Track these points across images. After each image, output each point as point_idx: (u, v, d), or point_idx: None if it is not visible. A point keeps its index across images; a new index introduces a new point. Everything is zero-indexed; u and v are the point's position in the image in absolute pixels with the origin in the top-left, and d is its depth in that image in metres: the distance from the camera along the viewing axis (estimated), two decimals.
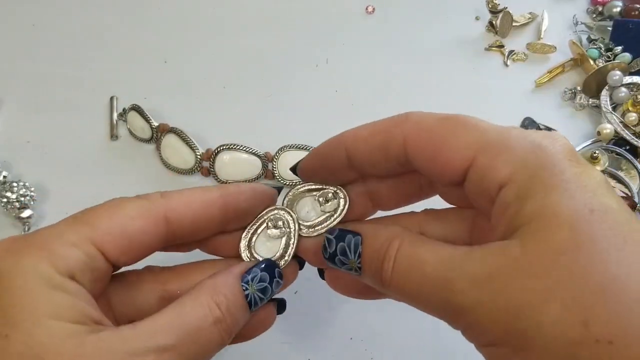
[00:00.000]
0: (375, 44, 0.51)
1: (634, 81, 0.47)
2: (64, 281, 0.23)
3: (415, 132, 0.25)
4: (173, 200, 0.26)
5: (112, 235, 0.24)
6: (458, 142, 0.24)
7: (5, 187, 0.41)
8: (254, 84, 0.49)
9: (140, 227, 0.25)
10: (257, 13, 0.53)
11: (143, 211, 0.25)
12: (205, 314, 0.25)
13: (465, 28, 0.52)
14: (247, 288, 0.27)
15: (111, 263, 0.25)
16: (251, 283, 0.27)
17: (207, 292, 0.25)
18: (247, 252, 0.29)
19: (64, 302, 0.22)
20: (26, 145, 0.46)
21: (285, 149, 0.43)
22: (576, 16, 0.53)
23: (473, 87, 0.49)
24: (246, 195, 0.28)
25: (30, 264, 0.22)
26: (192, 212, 0.26)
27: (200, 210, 0.27)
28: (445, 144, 0.24)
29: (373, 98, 0.48)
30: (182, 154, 0.43)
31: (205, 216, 0.27)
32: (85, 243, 0.24)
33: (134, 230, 0.25)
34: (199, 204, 0.27)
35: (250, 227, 0.29)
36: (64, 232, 0.24)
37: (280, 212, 0.30)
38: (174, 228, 0.26)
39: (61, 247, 0.23)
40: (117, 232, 0.24)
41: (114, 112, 0.47)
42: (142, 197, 0.26)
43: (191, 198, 0.27)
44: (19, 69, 0.50)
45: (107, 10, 0.53)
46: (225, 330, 0.25)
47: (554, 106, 0.48)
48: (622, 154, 0.44)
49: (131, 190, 0.43)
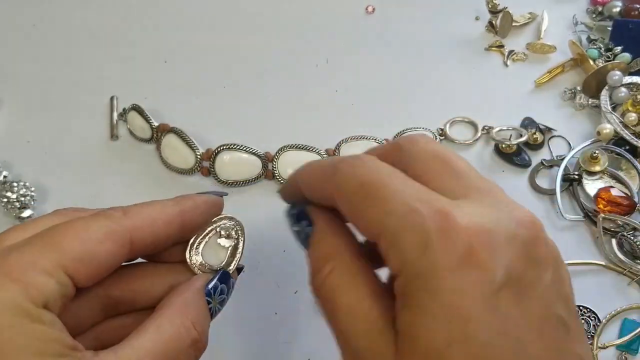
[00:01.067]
0: (375, 44, 0.51)
1: (633, 81, 0.47)
2: (40, 313, 0.22)
3: (338, 195, 0.24)
4: (137, 219, 0.26)
5: (83, 262, 0.24)
6: (367, 218, 0.23)
7: (6, 187, 0.41)
8: (254, 84, 0.49)
9: (108, 251, 0.25)
10: (257, 13, 0.53)
11: (110, 233, 0.25)
12: (183, 336, 0.25)
13: (465, 28, 0.52)
14: (210, 302, 0.27)
15: (77, 287, 0.24)
16: (213, 297, 0.27)
17: (181, 312, 0.25)
18: (195, 260, 0.29)
19: (44, 336, 0.22)
20: (26, 145, 0.46)
21: (285, 149, 0.43)
22: (576, 16, 0.53)
23: (473, 87, 0.49)
24: (201, 209, 0.29)
25: (7, 298, 0.22)
26: (155, 231, 0.26)
27: (162, 228, 0.27)
28: (359, 215, 0.23)
29: (373, 98, 0.48)
30: (182, 154, 0.43)
31: (165, 234, 0.27)
32: (58, 271, 0.23)
33: (102, 255, 0.24)
34: (162, 222, 0.27)
35: (198, 235, 0.29)
36: (37, 259, 0.23)
37: (228, 222, 0.30)
38: (136, 247, 0.26)
39: (36, 277, 0.23)
40: (87, 258, 0.24)
41: (114, 112, 0.47)
42: (105, 216, 0.26)
43: (153, 216, 0.26)
44: (19, 69, 0.50)
45: (107, 10, 0.53)
46: (199, 349, 0.25)
47: (554, 106, 0.48)
48: (621, 154, 0.44)
49: (131, 190, 0.44)
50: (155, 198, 0.43)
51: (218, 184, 0.43)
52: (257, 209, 0.43)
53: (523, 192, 0.44)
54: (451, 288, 0.20)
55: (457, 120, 0.47)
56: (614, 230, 0.41)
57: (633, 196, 0.42)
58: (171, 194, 0.43)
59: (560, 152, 0.45)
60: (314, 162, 0.27)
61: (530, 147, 0.46)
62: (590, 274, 0.40)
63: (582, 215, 0.43)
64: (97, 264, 0.24)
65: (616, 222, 0.41)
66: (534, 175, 0.44)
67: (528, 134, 0.45)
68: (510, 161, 0.45)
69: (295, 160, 0.43)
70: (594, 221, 0.42)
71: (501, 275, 0.21)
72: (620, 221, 0.41)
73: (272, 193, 0.43)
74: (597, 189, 0.42)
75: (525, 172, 0.45)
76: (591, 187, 0.43)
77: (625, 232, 0.41)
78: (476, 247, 0.21)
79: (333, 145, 0.44)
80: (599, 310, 0.39)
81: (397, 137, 0.45)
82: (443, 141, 0.46)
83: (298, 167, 0.28)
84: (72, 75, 0.49)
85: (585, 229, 0.42)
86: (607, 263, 0.40)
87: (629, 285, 0.40)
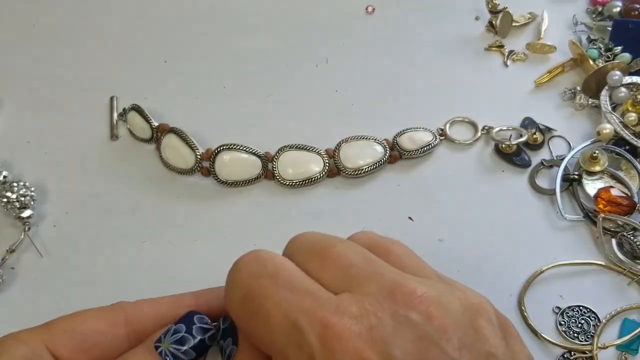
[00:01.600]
0: (375, 44, 0.51)
1: (633, 81, 0.47)
2: None
3: (228, 309, 0.25)
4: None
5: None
6: (256, 336, 0.23)
7: (6, 187, 0.41)
8: (254, 83, 0.49)
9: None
10: (257, 13, 0.53)
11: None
12: None
13: (465, 28, 0.52)
14: (159, 346, 0.25)
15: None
16: (164, 339, 0.25)
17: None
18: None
19: None
20: (26, 145, 0.46)
21: (285, 149, 0.43)
22: (576, 16, 0.53)
23: (473, 87, 0.49)
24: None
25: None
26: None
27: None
28: (249, 333, 0.23)
29: (373, 98, 0.48)
30: (182, 154, 0.43)
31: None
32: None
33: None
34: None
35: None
36: None
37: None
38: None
39: None
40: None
41: (114, 112, 0.47)
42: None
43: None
44: (19, 69, 0.50)
45: (107, 10, 0.53)
46: None
47: (554, 106, 0.48)
48: (621, 154, 0.44)
49: (131, 190, 0.44)
50: (156, 198, 0.43)
51: (218, 184, 0.43)
52: (257, 209, 0.43)
53: (523, 192, 0.44)
54: None
55: (457, 120, 0.47)
56: (614, 230, 0.41)
57: (633, 196, 0.42)
58: (171, 193, 0.44)
59: (560, 152, 0.45)
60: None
61: (530, 147, 0.46)
62: (590, 274, 0.40)
63: (582, 215, 0.43)
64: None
65: (616, 222, 0.41)
66: (533, 175, 0.44)
67: (528, 134, 0.45)
68: (510, 161, 0.45)
69: (295, 160, 0.43)
70: (593, 221, 0.42)
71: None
72: (620, 221, 0.41)
73: (272, 193, 0.44)
74: (597, 189, 0.42)
75: (525, 172, 0.45)
76: (591, 187, 0.43)
77: (625, 232, 0.41)
78: (364, 354, 0.20)
79: (333, 145, 0.44)
80: (598, 310, 0.39)
81: (397, 136, 0.45)
82: (443, 141, 0.46)
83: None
84: (72, 75, 0.49)
85: (585, 229, 0.42)
86: (607, 263, 0.41)
87: (629, 285, 0.40)
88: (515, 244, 0.41)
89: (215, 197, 0.43)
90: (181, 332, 0.25)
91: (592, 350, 0.38)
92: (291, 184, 0.43)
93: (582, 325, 0.38)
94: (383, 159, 0.44)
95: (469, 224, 0.42)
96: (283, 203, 0.43)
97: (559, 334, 0.38)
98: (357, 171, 0.43)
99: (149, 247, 0.41)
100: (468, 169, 0.45)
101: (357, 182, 0.44)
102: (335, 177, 0.44)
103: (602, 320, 0.38)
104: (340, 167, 0.43)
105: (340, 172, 0.44)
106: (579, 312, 0.39)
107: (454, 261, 0.40)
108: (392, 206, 0.43)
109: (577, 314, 0.39)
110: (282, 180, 0.43)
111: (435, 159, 0.45)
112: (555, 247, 0.41)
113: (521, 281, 0.40)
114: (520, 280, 0.40)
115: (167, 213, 0.43)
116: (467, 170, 0.45)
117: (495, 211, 0.43)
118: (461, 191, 0.44)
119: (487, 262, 0.40)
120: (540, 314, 0.39)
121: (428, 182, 0.44)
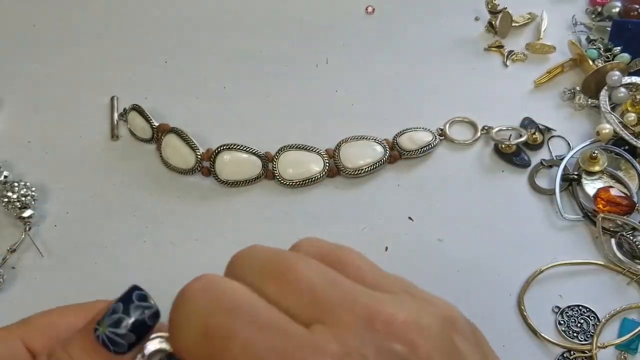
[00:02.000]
0: (375, 44, 0.51)
1: (633, 81, 0.47)
2: None
3: (175, 348, 0.22)
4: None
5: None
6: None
7: (7, 187, 0.41)
8: (254, 83, 0.49)
9: None
10: (257, 13, 0.53)
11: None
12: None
13: (464, 28, 0.53)
14: (97, 329, 0.22)
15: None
16: (102, 321, 0.23)
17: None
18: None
19: None
20: (27, 145, 0.46)
21: (285, 149, 0.44)
22: (575, 16, 0.53)
23: (472, 88, 0.49)
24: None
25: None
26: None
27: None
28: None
29: (373, 98, 0.48)
30: (183, 154, 0.43)
31: None
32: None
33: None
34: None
35: None
36: None
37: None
38: None
39: None
40: None
41: (114, 112, 0.47)
42: None
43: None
44: (19, 69, 0.50)
45: (107, 10, 0.53)
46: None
47: (553, 106, 0.48)
48: (621, 154, 0.44)
49: (132, 190, 0.44)
50: (156, 198, 0.43)
51: (218, 184, 0.43)
52: (257, 209, 0.43)
53: (522, 192, 0.44)
54: None
55: (457, 120, 0.47)
56: (613, 230, 0.41)
57: (632, 196, 0.42)
58: (171, 194, 0.44)
59: (560, 152, 0.46)
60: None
61: (530, 147, 0.46)
62: (589, 273, 0.40)
63: (581, 215, 0.43)
64: None
65: (615, 222, 0.41)
66: (533, 175, 0.44)
67: (527, 134, 0.45)
68: (509, 161, 0.45)
69: (296, 160, 0.43)
70: (593, 221, 0.42)
71: None
72: (620, 221, 0.41)
73: (272, 193, 0.44)
74: (596, 189, 0.43)
75: (524, 172, 0.45)
76: (590, 187, 0.43)
77: (624, 231, 0.41)
78: None
79: (333, 145, 0.44)
80: (598, 309, 0.39)
81: (397, 136, 0.45)
82: (443, 141, 0.46)
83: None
84: (72, 75, 0.49)
85: (585, 229, 0.42)
86: (606, 263, 0.41)
87: (628, 284, 0.40)
88: (514, 244, 0.41)
89: (215, 197, 0.43)
90: (118, 312, 0.23)
91: (591, 350, 0.38)
92: (291, 184, 0.43)
93: (581, 325, 0.38)
94: (383, 159, 0.44)
95: (468, 224, 0.42)
96: (283, 203, 0.43)
97: (558, 333, 0.38)
98: (357, 171, 0.43)
99: (149, 247, 0.41)
100: (468, 169, 0.45)
101: (357, 182, 0.44)
102: (335, 177, 0.44)
103: (602, 320, 0.39)
104: (340, 167, 0.43)
105: (340, 172, 0.44)
106: (579, 312, 0.39)
107: (454, 261, 0.40)
108: (392, 206, 0.43)
109: (576, 313, 0.39)
110: (282, 180, 0.43)
111: (435, 159, 0.45)
112: (555, 246, 0.41)
113: (521, 281, 0.40)
114: (520, 279, 0.40)
115: (167, 213, 0.43)
116: (467, 170, 0.45)
117: (495, 211, 0.43)
118: (461, 191, 0.44)
119: (486, 262, 0.41)
120: (540, 314, 0.39)
121: (428, 182, 0.44)
